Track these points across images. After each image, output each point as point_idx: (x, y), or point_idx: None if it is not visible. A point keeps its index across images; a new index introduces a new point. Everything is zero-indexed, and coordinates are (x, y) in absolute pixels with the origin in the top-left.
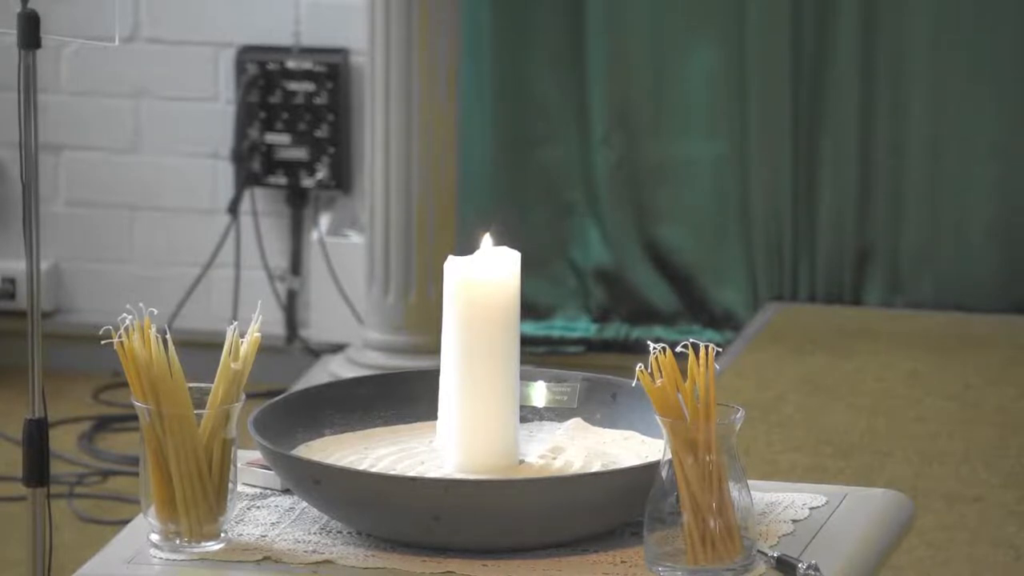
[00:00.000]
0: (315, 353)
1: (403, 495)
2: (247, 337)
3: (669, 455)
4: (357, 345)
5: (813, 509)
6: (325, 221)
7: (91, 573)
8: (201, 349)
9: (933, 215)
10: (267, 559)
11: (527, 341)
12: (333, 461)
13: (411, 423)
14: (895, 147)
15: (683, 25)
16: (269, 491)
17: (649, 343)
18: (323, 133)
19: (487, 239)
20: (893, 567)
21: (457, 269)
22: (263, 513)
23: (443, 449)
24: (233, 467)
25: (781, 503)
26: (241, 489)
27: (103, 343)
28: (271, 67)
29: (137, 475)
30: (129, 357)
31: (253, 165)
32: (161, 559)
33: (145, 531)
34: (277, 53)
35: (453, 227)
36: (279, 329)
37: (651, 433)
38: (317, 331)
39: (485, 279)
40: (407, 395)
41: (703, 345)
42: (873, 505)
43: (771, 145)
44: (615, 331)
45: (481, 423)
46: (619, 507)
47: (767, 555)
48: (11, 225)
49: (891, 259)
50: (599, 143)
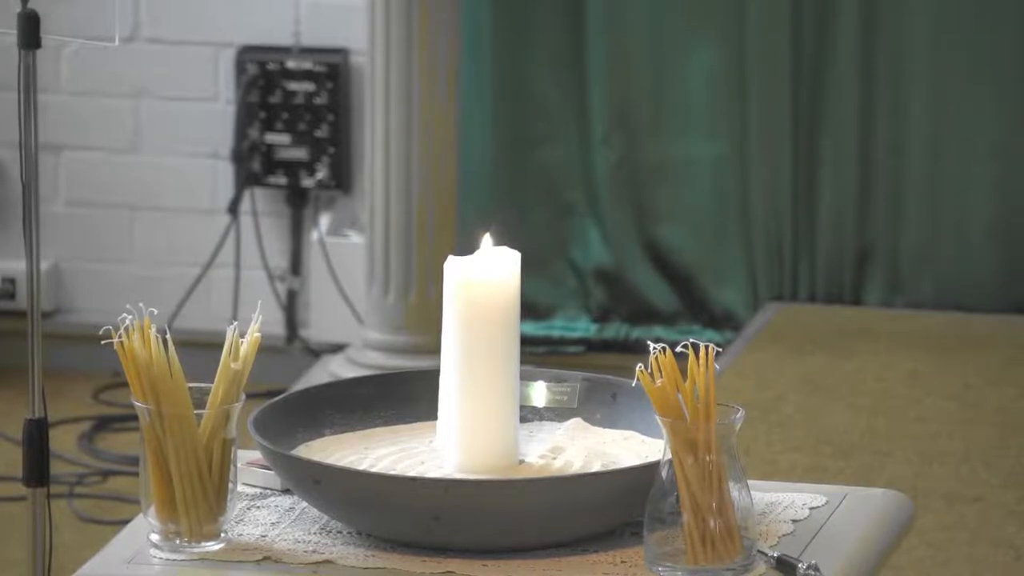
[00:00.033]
0: (315, 353)
1: (403, 495)
2: (247, 337)
3: (669, 455)
4: (357, 345)
5: (813, 509)
6: (325, 221)
7: (91, 573)
8: (201, 349)
9: (933, 215)
10: (267, 559)
11: (527, 341)
12: (333, 461)
13: (411, 423)
14: (895, 147)
15: (683, 25)
16: (269, 491)
17: (649, 343)
18: (323, 133)
19: (487, 239)
20: (893, 567)
21: (457, 269)
22: (263, 513)
23: (443, 449)
24: (233, 467)
25: (781, 503)
26: (241, 489)
27: (103, 343)
28: (271, 67)
29: (137, 475)
30: (129, 357)
31: (253, 165)
32: (161, 559)
33: (145, 531)
34: (277, 53)
35: (453, 227)
36: (279, 329)
37: (651, 433)
38: (317, 331)
39: (485, 279)
40: (407, 395)
41: (703, 345)
42: (873, 505)
43: (771, 145)
44: (615, 331)
45: (481, 423)
46: (619, 507)
47: (767, 555)
48: (11, 225)
49: (891, 259)
50: (599, 143)
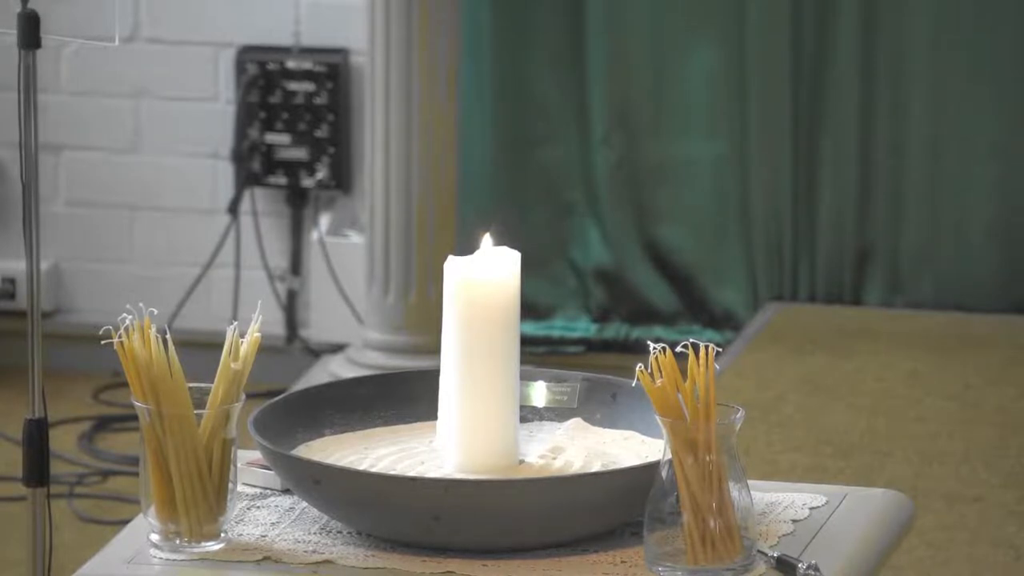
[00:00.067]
0: (315, 353)
1: (403, 495)
2: (247, 337)
3: (669, 455)
4: (357, 345)
5: (813, 509)
6: (325, 221)
7: (91, 573)
8: (201, 349)
9: (933, 215)
10: (267, 559)
11: (527, 341)
12: (333, 461)
13: (411, 423)
14: (895, 147)
15: (683, 25)
16: (269, 491)
17: (649, 343)
18: (323, 133)
19: (487, 239)
20: (893, 567)
21: (457, 269)
22: (263, 513)
23: (443, 449)
24: (233, 467)
25: (781, 503)
26: (241, 489)
27: (103, 343)
28: (271, 67)
29: (137, 475)
30: (129, 357)
31: (253, 165)
32: (161, 559)
33: (145, 531)
34: (277, 53)
35: (453, 227)
36: (279, 329)
37: (651, 433)
38: (317, 331)
39: (485, 279)
40: (407, 395)
41: (703, 345)
42: (873, 505)
43: (771, 145)
44: (615, 331)
45: (481, 423)
46: (619, 507)
47: (767, 555)
48: (11, 225)
49: (891, 259)
50: (599, 143)
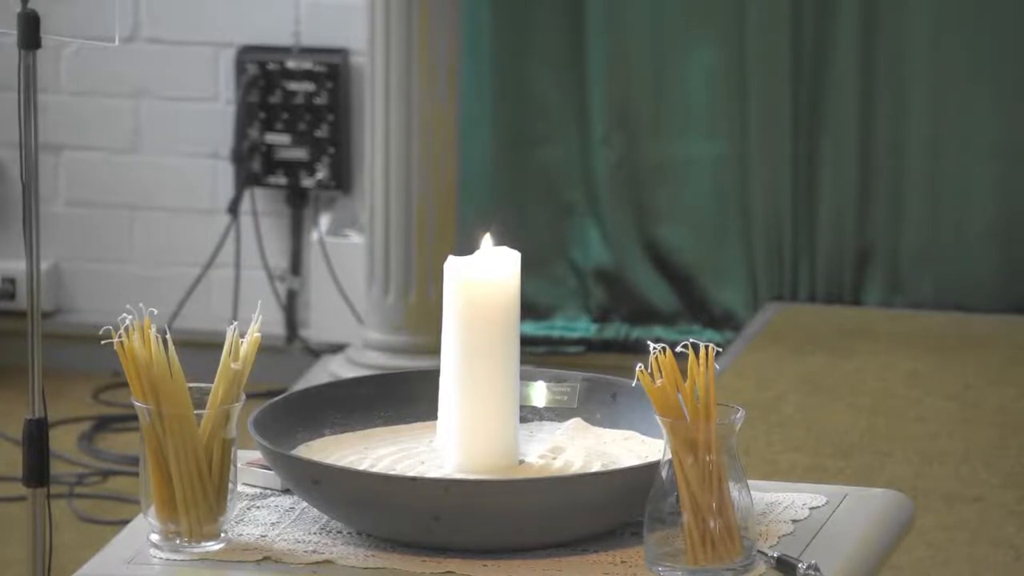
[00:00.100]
0: (315, 353)
1: (403, 495)
2: (247, 337)
3: (669, 455)
4: (357, 345)
5: (813, 509)
6: (325, 221)
7: (91, 573)
8: (201, 349)
9: (933, 215)
10: (267, 559)
11: (527, 341)
12: (333, 461)
13: (411, 423)
14: (895, 147)
15: (683, 25)
16: (269, 491)
17: (649, 343)
18: (323, 133)
19: (487, 239)
20: (893, 567)
21: (457, 269)
22: (263, 513)
23: (443, 449)
24: (233, 467)
25: (781, 503)
26: (241, 489)
27: (103, 343)
28: (271, 67)
29: (137, 475)
30: (129, 357)
31: (253, 165)
32: (161, 559)
33: (145, 531)
34: (277, 53)
35: (453, 227)
36: (279, 329)
37: (651, 433)
38: (317, 331)
39: (485, 279)
40: (407, 395)
41: (703, 345)
42: (873, 505)
43: (771, 145)
44: (615, 331)
45: (481, 423)
46: (619, 507)
47: (767, 555)
48: (11, 225)
49: (891, 259)
50: (599, 143)
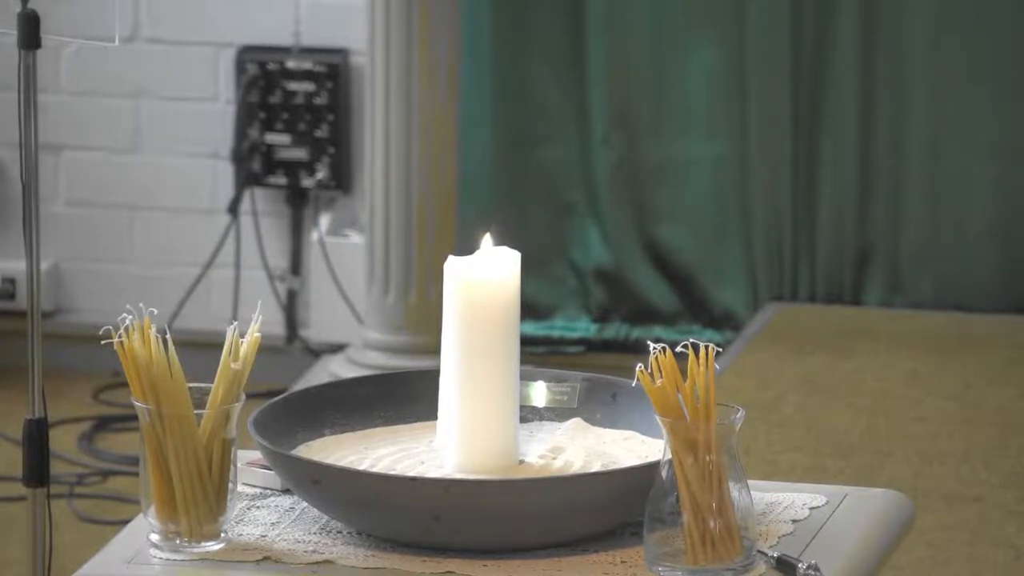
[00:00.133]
0: (315, 353)
1: (403, 495)
2: (247, 337)
3: (669, 455)
4: (357, 345)
5: (813, 509)
6: (325, 221)
7: (91, 573)
8: (201, 349)
9: (933, 215)
10: (267, 559)
11: (527, 341)
12: (333, 461)
13: (411, 423)
14: (895, 147)
15: (683, 25)
16: (269, 491)
17: (649, 343)
18: (323, 133)
19: (487, 239)
20: (893, 567)
21: (457, 269)
22: (263, 513)
23: (443, 449)
24: (233, 467)
25: (781, 503)
26: (241, 489)
27: (103, 343)
28: (271, 67)
29: (137, 475)
30: (129, 357)
31: (253, 165)
32: (161, 559)
33: (145, 531)
34: (277, 53)
35: (453, 227)
36: (279, 329)
37: (651, 433)
38: (317, 331)
39: (485, 279)
40: (407, 395)
41: (703, 345)
42: (873, 505)
43: (771, 145)
44: (615, 331)
45: (481, 423)
46: (619, 507)
47: (767, 555)
48: (11, 225)
49: (891, 259)
50: (599, 143)
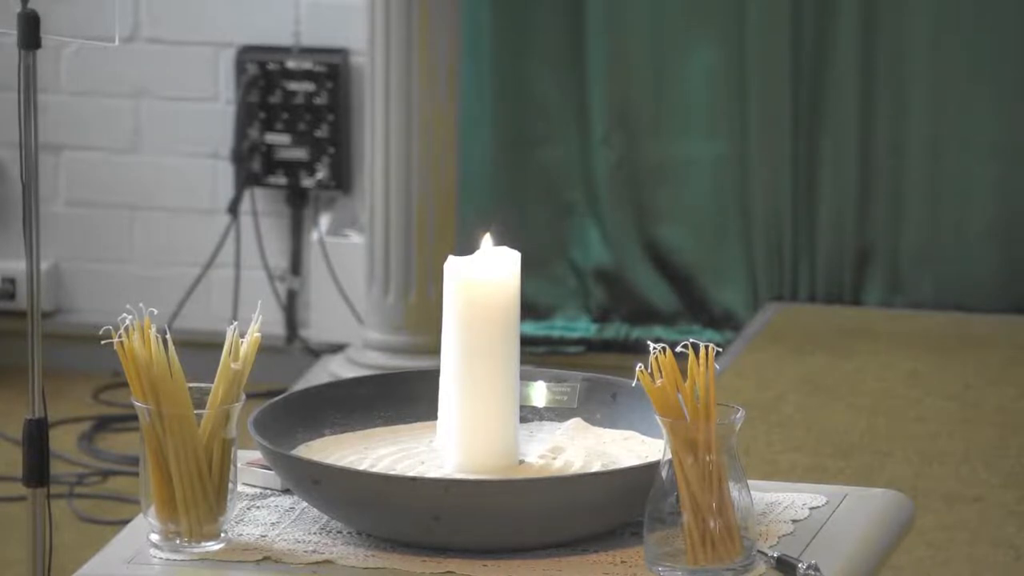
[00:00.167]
0: (315, 353)
1: (403, 495)
2: (247, 337)
3: (669, 455)
4: (357, 345)
5: (813, 509)
6: (325, 221)
7: (91, 573)
8: (201, 349)
9: (933, 215)
10: (267, 559)
11: (527, 341)
12: (333, 461)
13: (411, 423)
14: (895, 147)
15: (683, 25)
16: (269, 491)
17: (649, 343)
18: (323, 133)
19: (487, 239)
20: (893, 567)
21: (457, 269)
22: (263, 513)
23: (443, 449)
24: (233, 467)
25: (781, 503)
26: (241, 489)
27: (103, 343)
28: (271, 67)
29: (137, 475)
30: (129, 357)
31: (253, 165)
32: (161, 559)
33: (145, 531)
34: (277, 53)
35: (453, 227)
36: (279, 329)
37: (651, 433)
38: (317, 331)
39: (485, 279)
40: (407, 395)
41: (703, 345)
42: (873, 505)
43: (771, 145)
44: (615, 331)
45: (481, 423)
46: (619, 507)
47: (767, 555)
48: (11, 225)
49: (891, 259)
50: (599, 143)
